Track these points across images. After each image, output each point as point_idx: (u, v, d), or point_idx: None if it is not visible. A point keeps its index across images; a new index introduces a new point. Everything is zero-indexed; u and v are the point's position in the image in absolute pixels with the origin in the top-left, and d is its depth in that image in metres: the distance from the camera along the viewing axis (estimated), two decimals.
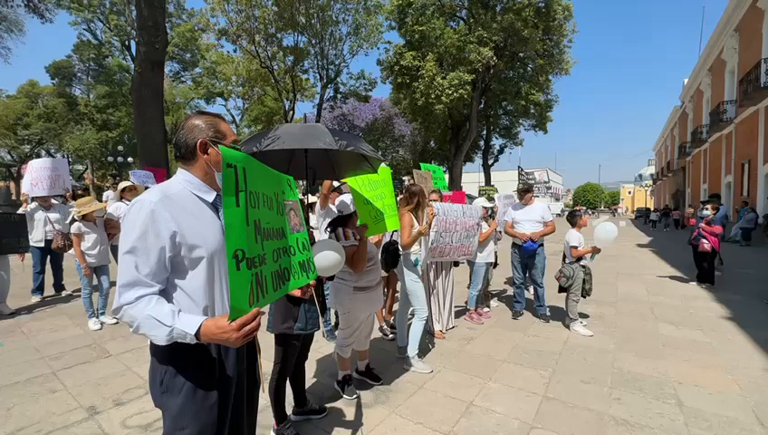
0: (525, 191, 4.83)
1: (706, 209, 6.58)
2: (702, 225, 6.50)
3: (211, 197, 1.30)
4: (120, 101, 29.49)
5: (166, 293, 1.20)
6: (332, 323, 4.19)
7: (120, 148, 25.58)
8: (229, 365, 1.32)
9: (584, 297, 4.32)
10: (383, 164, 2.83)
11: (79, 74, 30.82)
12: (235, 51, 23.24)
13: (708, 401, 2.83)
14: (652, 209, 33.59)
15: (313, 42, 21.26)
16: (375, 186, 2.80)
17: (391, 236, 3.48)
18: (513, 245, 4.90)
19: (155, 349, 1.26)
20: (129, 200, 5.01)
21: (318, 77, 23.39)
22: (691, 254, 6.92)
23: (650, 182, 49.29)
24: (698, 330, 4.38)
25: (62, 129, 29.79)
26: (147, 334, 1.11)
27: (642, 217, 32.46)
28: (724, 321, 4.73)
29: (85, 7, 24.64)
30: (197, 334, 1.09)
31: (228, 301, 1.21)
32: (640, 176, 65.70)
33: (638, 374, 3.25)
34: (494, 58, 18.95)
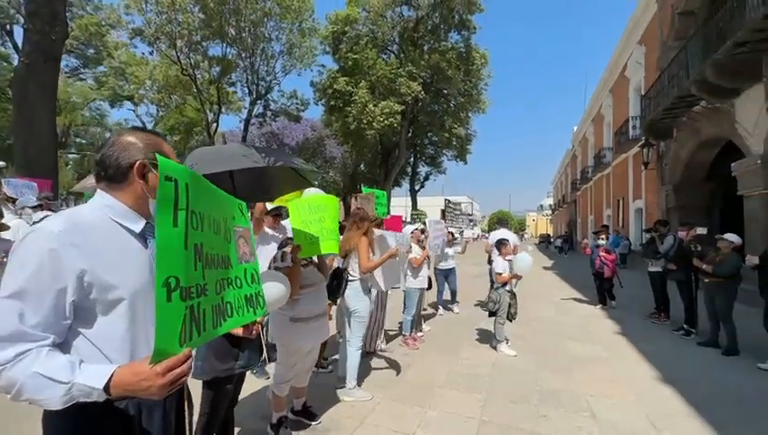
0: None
1: (601, 239, 7.59)
2: (602, 253, 7.31)
3: (139, 226, 1.07)
4: None
5: (66, 346, 0.94)
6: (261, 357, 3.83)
7: None
8: (154, 426, 1.08)
9: (510, 321, 4.65)
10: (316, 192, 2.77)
11: None
12: (151, 53, 21.25)
13: (615, 411, 3.20)
14: (553, 236, 38.26)
15: (243, 55, 20.44)
16: (315, 210, 2.72)
17: (342, 263, 3.39)
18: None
19: (46, 420, 0.97)
20: None
21: (247, 91, 22.43)
22: (589, 275, 7.84)
23: (550, 212, 56.48)
24: (599, 345, 5.00)
25: None
26: (34, 400, 0.83)
27: (544, 242, 36.73)
28: (618, 336, 5.48)
29: None
30: (107, 388, 0.85)
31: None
32: (542, 206, 74.62)
33: (557, 390, 3.56)
34: (422, 92, 20.38)
